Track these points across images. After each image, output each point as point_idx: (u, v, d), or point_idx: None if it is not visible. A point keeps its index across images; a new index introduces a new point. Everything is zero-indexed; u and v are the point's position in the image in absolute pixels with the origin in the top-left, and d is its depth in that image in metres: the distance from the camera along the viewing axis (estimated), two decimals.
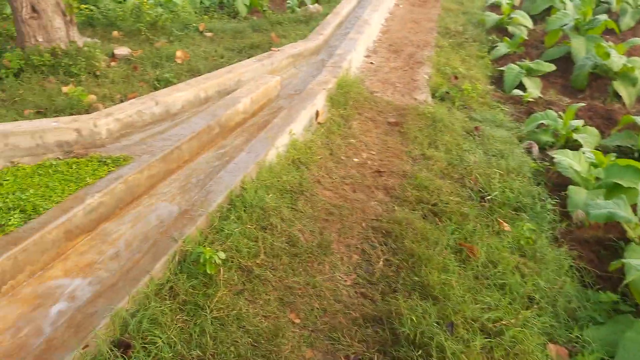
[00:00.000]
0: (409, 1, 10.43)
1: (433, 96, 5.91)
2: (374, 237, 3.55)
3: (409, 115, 5.31)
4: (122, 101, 5.10)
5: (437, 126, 5.07)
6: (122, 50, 6.32)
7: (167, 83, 5.45)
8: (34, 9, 5.74)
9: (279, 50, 6.16)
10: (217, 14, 8.42)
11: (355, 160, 4.51)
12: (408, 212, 3.77)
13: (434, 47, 7.45)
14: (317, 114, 4.92)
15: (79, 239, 3.41)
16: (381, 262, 3.34)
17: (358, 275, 3.24)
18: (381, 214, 3.79)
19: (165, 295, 2.84)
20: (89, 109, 4.87)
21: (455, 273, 3.18)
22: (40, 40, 5.82)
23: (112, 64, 6.06)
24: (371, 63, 6.73)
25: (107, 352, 2.45)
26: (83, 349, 2.41)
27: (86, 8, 7.54)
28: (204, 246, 3.05)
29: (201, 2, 8.95)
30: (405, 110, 5.43)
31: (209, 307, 2.83)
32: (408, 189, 4.05)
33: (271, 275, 3.13)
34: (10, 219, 3.19)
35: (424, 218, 3.74)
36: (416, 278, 3.15)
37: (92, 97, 5.07)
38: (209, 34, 7.22)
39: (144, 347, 2.55)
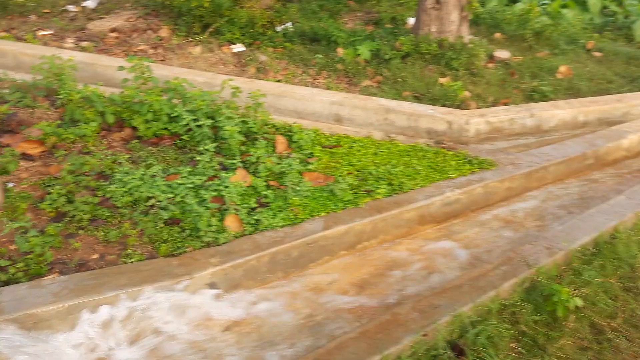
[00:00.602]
0: None
1: None
2: None
3: None
4: (493, 104, 5.05)
5: None
6: (502, 54, 6.27)
7: (543, 97, 5.19)
8: (437, 1, 6.09)
9: None
10: (609, 34, 7.67)
11: None
12: None
13: None
14: None
15: (427, 227, 3.51)
16: None
17: None
18: None
19: (506, 318, 2.69)
20: (460, 105, 4.96)
21: None
22: (433, 30, 6.17)
23: (490, 65, 6.06)
24: None
25: (442, 349, 2.44)
26: (422, 335, 2.44)
27: (476, 6, 7.70)
28: (560, 284, 2.78)
29: (591, 19, 8.28)
30: None
31: (548, 350, 2.58)
32: None
33: (625, 346, 2.68)
34: (379, 188, 3.45)
35: None
36: None
37: (467, 93, 5.16)
38: (597, 54, 6.62)
39: None
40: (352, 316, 2.80)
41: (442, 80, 5.50)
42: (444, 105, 4.92)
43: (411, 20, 7.22)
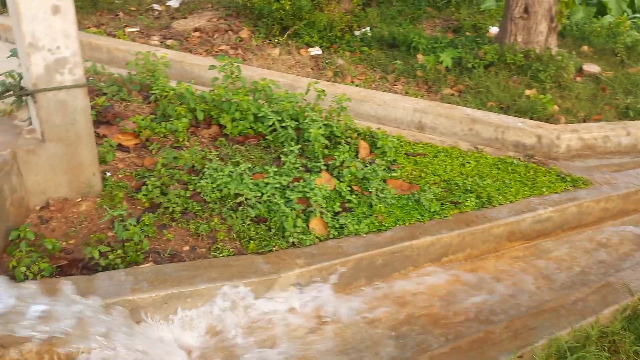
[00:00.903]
0: None
1: None
2: None
3: None
4: (584, 120, 4.83)
5: None
6: (591, 67, 5.99)
7: (638, 114, 4.91)
8: (526, 10, 5.89)
9: None
10: None
11: None
12: None
13: None
14: None
15: (516, 244, 3.37)
16: None
17: None
18: None
19: (606, 346, 2.53)
20: (549, 119, 4.77)
21: None
22: (519, 40, 5.98)
23: (578, 78, 5.81)
24: None
25: None
26: (518, 357, 2.33)
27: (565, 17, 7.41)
28: None
29: None
30: None
31: None
32: None
33: None
34: (467, 200, 3.34)
35: None
36: None
37: (556, 107, 4.95)
38: None
39: None
40: (439, 330, 2.71)
41: (528, 92, 5.31)
42: (531, 119, 4.74)
43: (493, 29, 7.04)
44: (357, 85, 5.46)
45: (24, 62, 2.57)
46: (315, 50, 6.54)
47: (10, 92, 2.68)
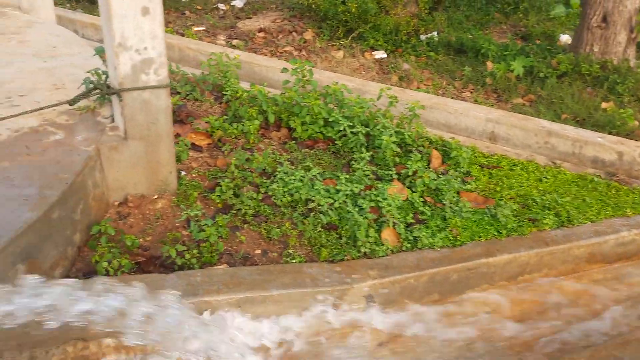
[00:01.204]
0: None
1: None
2: None
3: None
4: None
5: None
6: None
7: None
8: (604, 19, 5.64)
9: None
10: None
11: None
12: None
13: None
14: None
15: (595, 266, 3.20)
16: None
17: None
18: None
19: None
20: (629, 134, 4.53)
21: None
22: (595, 50, 5.72)
23: None
24: None
25: None
26: None
27: None
28: None
29: None
30: None
31: None
32: None
33: None
34: (545, 218, 3.20)
35: None
36: None
37: (636, 123, 4.70)
38: None
39: None
40: (513, 352, 2.60)
41: (604, 105, 5.07)
42: (609, 133, 4.51)
43: (563, 37, 6.78)
44: (425, 92, 5.35)
45: (112, 61, 2.62)
46: (380, 54, 6.46)
47: (98, 90, 2.73)
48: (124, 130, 2.68)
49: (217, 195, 2.96)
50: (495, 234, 3.05)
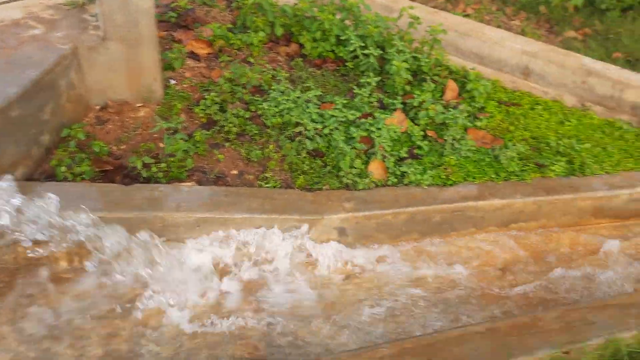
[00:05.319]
0: None
1: None
2: None
3: None
4: None
5: None
6: None
7: None
8: None
9: None
10: None
11: None
12: None
13: None
14: None
15: (603, 221, 2.95)
16: None
17: None
18: None
19: None
20: None
21: None
22: None
23: None
24: None
25: None
26: (563, 353, 2.05)
27: None
28: None
29: None
30: None
31: None
32: None
33: None
34: (554, 164, 2.93)
35: None
36: None
37: None
38: None
39: None
40: (485, 303, 2.47)
41: None
42: None
43: None
44: (466, 16, 4.91)
45: None
46: None
47: None
48: (103, 30, 2.58)
49: (202, 109, 2.86)
50: (493, 176, 2.83)
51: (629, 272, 2.69)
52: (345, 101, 3.11)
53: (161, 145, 2.65)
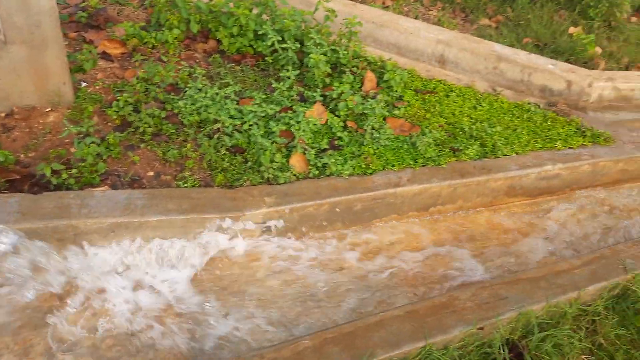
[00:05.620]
0: None
1: None
2: None
3: None
4: (627, 67, 4.33)
5: None
6: None
7: None
8: None
9: None
10: None
11: None
12: None
13: None
14: None
15: (515, 199, 3.10)
16: None
17: None
18: None
19: (582, 326, 2.32)
20: (587, 62, 4.29)
21: None
22: None
23: (633, 19, 5.19)
24: None
25: (498, 347, 2.15)
26: (478, 329, 2.15)
27: None
28: None
29: None
30: None
31: None
32: None
33: None
34: (468, 147, 3.05)
35: None
36: None
37: (598, 49, 4.44)
38: None
39: None
40: (408, 286, 2.55)
41: (572, 30, 4.78)
42: (567, 61, 4.27)
43: None
44: (385, 8, 5.01)
45: None
46: None
47: None
48: (3, 33, 2.46)
49: (115, 111, 2.79)
50: (411, 163, 2.92)
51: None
52: (264, 96, 3.11)
53: (73, 150, 2.56)
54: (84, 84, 2.91)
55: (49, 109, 2.71)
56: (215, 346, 2.13)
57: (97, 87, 2.95)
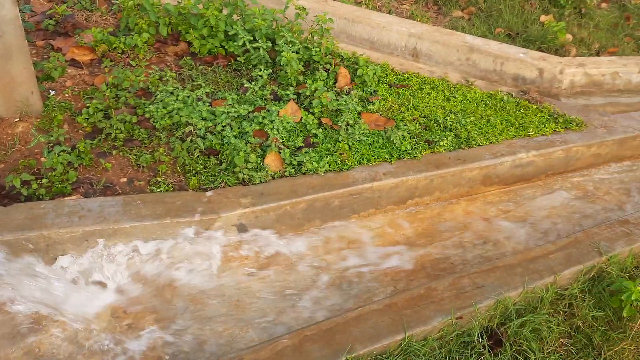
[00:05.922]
0: None
1: None
2: None
3: None
4: (598, 53, 4.38)
5: None
6: None
7: None
8: None
9: None
10: None
11: None
12: None
13: None
14: None
15: (492, 188, 3.12)
16: None
17: None
18: None
19: (560, 310, 2.35)
20: (559, 50, 4.33)
21: None
22: None
23: (604, 5, 5.25)
24: None
25: (477, 335, 2.16)
26: (457, 318, 2.16)
27: None
28: (633, 280, 2.37)
29: None
30: None
31: (603, 351, 2.24)
32: None
33: None
34: (443, 139, 3.07)
35: None
36: None
37: (569, 36, 4.49)
38: None
39: (514, 355, 2.17)
40: (389, 279, 2.55)
41: (543, 18, 4.83)
42: (539, 49, 4.32)
43: None
44: (358, 4, 5.02)
45: None
46: None
47: None
48: None
49: (85, 118, 2.76)
50: (387, 157, 2.92)
51: None
52: (237, 96, 3.10)
53: (43, 160, 2.53)
54: (52, 93, 2.88)
55: (17, 119, 2.68)
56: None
57: (67, 95, 2.92)
